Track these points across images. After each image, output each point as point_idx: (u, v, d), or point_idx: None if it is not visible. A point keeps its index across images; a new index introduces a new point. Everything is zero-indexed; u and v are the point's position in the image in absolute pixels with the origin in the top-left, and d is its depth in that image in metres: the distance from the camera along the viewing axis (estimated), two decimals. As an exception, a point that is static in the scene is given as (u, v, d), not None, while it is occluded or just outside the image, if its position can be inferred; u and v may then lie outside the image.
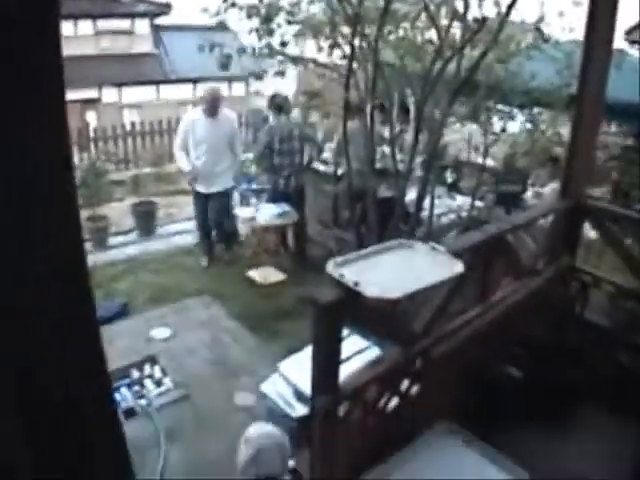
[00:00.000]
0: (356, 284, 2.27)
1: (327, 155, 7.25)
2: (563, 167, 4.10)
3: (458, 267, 2.61)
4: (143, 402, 4.20)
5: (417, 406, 3.05)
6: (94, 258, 6.35)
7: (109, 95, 14.52)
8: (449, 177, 7.88)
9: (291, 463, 2.88)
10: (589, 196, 4.19)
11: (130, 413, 4.08)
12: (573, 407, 3.61)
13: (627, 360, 3.61)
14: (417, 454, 3.04)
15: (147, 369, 4.64)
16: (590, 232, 4.88)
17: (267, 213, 6.30)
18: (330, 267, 2.39)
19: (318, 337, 2.37)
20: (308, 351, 2.86)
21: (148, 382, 4.49)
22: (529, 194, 7.68)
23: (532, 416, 3.43)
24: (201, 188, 6.48)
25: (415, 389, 2.98)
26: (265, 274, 6.12)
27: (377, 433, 2.91)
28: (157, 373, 4.57)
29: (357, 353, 3.13)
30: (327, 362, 2.42)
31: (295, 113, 7.50)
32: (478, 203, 7.01)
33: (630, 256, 3.80)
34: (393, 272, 2.57)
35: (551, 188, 7.15)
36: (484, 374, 3.39)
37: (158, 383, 4.47)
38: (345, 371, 2.64)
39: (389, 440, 3.00)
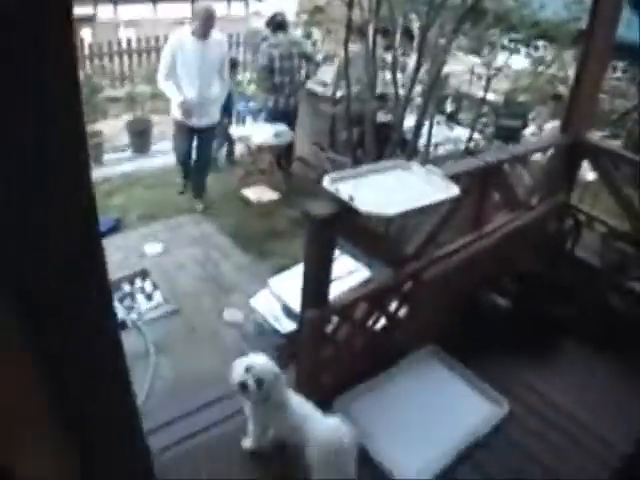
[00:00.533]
0: (351, 199, 2.26)
1: (327, 77, 7.10)
2: (566, 103, 4.02)
3: (454, 190, 2.59)
4: (134, 316, 4.25)
5: (404, 328, 3.09)
6: (89, 175, 6.28)
7: (105, 12, 14.03)
8: (449, 107, 7.77)
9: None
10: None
11: (121, 326, 4.13)
12: (558, 341, 3.66)
13: (614, 300, 3.63)
14: (401, 375, 3.10)
15: (138, 283, 4.68)
16: (587, 174, 4.87)
17: (263, 133, 6.21)
18: (326, 182, 2.37)
19: (311, 250, 2.37)
20: (298, 269, 2.88)
21: (139, 296, 4.54)
22: (529, 130, 7.60)
23: (517, 347, 3.47)
24: (190, 121, 5.72)
25: (403, 311, 3.01)
26: (259, 193, 6.09)
27: (364, 352, 2.95)
28: (148, 287, 4.61)
29: (347, 274, 3.14)
30: (318, 276, 2.43)
31: (296, 32, 7.29)
32: (477, 135, 6.94)
33: (626, 199, 3.78)
34: (389, 191, 2.56)
35: (552, 125, 7.06)
36: (472, 301, 3.42)
37: (149, 297, 4.51)
38: (335, 291, 2.66)
39: (375, 360, 3.05)
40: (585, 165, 4.18)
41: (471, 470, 2.77)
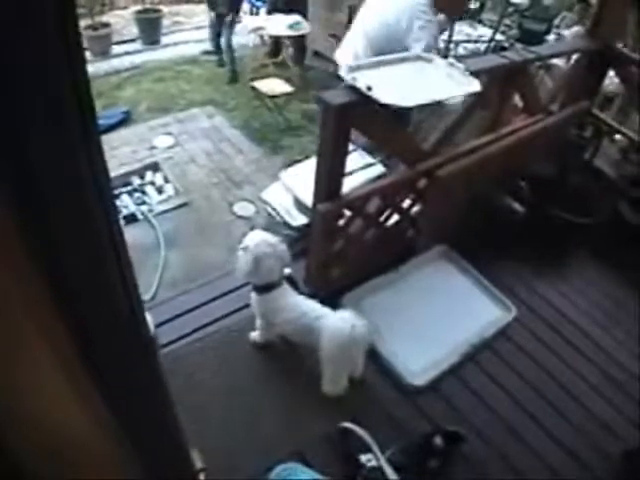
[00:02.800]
0: (369, 88, 2.17)
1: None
2: (596, 6, 3.80)
3: (475, 85, 2.49)
4: (144, 208, 4.23)
5: (417, 226, 3.06)
6: (95, 68, 6.13)
7: None
8: (472, 4, 7.42)
9: (287, 271, 2.94)
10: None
11: (131, 219, 4.12)
12: (569, 250, 3.64)
13: (628, 213, 3.58)
14: (411, 273, 3.10)
15: (149, 176, 4.64)
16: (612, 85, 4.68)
17: (278, 24, 5.97)
18: (343, 70, 2.27)
19: (324, 140, 2.30)
20: (311, 162, 2.81)
21: (150, 189, 4.50)
22: (552, 36, 7.29)
23: (528, 253, 3.46)
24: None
25: (416, 209, 2.96)
26: (272, 85, 5.85)
27: (375, 248, 2.93)
28: (159, 180, 4.57)
29: (361, 168, 3.08)
30: (331, 168, 2.37)
31: None
32: (499, 37, 6.67)
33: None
34: (408, 82, 2.46)
35: (576, 31, 6.76)
36: (486, 203, 3.37)
37: (159, 190, 4.48)
38: (348, 185, 2.60)
39: (386, 257, 3.04)
40: (611, 75, 4.01)
41: (475, 370, 2.81)
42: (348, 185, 2.60)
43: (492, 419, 2.64)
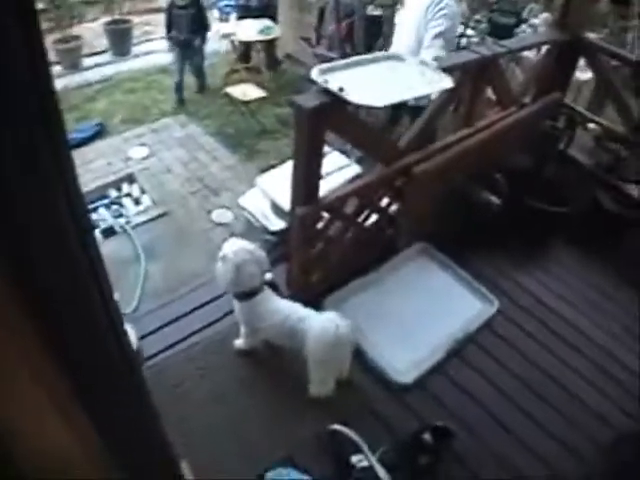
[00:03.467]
0: (341, 90, 2.17)
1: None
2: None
3: (447, 82, 2.50)
4: (122, 221, 4.19)
5: (396, 224, 3.06)
6: (67, 81, 6.08)
7: None
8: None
9: (268, 276, 2.92)
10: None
11: (109, 232, 4.08)
12: (547, 240, 3.66)
13: (605, 200, 3.60)
14: (392, 272, 3.10)
15: (125, 188, 4.60)
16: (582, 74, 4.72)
17: (248, 29, 5.95)
18: (315, 73, 2.27)
19: (300, 143, 2.29)
20: (287, 167, 2.80)
21: (127, 201, 4.47)
22: (526, 28, 7.34)
23: (507, 245, 3.47)
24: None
25: (395, 207, 2.97)
26: (244, 90, 5.82)
27: (355, 249, 2.93)
28: (135, 192, 4.53)
29: (337, 170, 3.07)
30: (308, 170, 2.36)
31: None
32: (470, 32, 6.70)
33: (621, 100, 3.68)
34: (380, 82, 2.46)
35: (545, 17, 6.82)
36: (464, 198, 3.37)
37: (137, 201, 4.44)
38: (325, 188, 2.60)
39: (366, 257, 3.04)
40: (581, 65, 4.04)
41: (460, 365, 2.82)
42: (325, 187, 2.59)
43: (481, 413, 2.65)
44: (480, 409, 2.66)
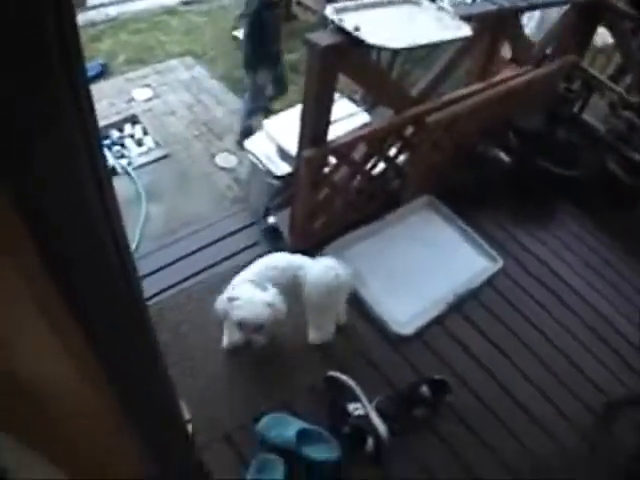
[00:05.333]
0: (357, 29, 2.09)
1: None
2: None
3: (465, 30, 2.42)
4: (124, 162, 4.12)
5: (403, 176, 3.00)
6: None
7: None
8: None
9: (271, 220, 2.89)
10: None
11: (111, 173, 4.01)
12: (555, 203, 3.61)
13: (614, 167, 3.54)
14: (397, 223, 3.05)
15: (128, 129, 4.52)
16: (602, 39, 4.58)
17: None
18: (329, 11, 2.18)
19: (311, 83, 2.21)
20: (295, 111, 2.73)
21: (129, 142, 4.39)
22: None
23: (514, 205, 3.43)
24: None
25: (403, 157, 2.90)
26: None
27: (360, 197, 2.88)
28: (138, 133, 4.45)
29: (346, 117, 2.99)
30: (317, 112, 2.29)
31: None
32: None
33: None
34: (397, 25, 2.37)
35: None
36: (473, 153, 3.31)
37: (139, 143, 4.37)
38: (333, 133, 2.53)
39: (371, 207, 2.99)
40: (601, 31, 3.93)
41: (461, 320, 2.80)
42: (333, 133, 2.53)
43: (478, 369, 2.64)
44: (478, 365, 2.65)
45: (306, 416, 2.28)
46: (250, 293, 2.15)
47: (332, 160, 2.55)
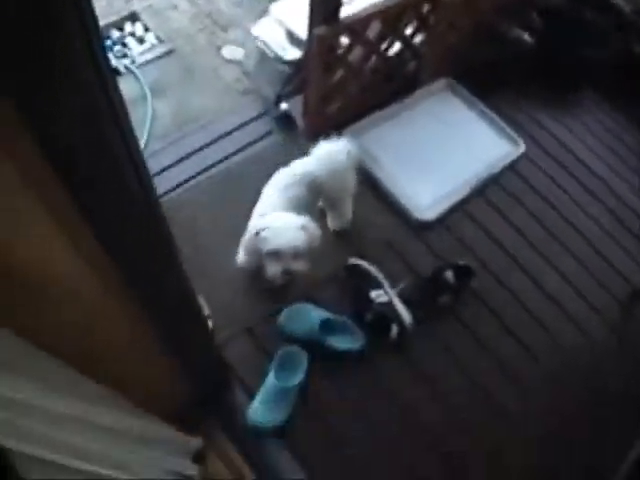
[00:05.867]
0: None
1: None
2: None
3: None
4: (126, 61, 3.96)
5: (420, 57, 2.84)
6: None
7: None
8: None
9: (284, 106, 2.77)
10: None
11: (114, 73, 3.87)
12: (579, 87, 3.45)
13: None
14: (415, 107, 2.93)
15: (128, 27, 4.32)
16: None
17: None
18: None
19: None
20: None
21: (130, 40, 4.20)
22: None
23: (537, 88, 3.28)
24: None
25: (420, 37, 2.74)
26: None
27: (375, 80, 2.73)
28: (139, 30, 4.26)
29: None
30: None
31: None
32: None
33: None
34: None
35: None
36: (494, 34, 3.12)
37: (141, 40, 4.18)
38: (344, 12, 2.36)
39: (387, 90, 2.85)
40: None
41: (483, 205, 2.73)
42: (345, 12, 2.36)
43: (501, 254, 2.60)
44: (501, 251, 2.61)
45: (328, 306, 2.26)
46: (279, 219, 1.99)
47: (345, 41, 2.40)
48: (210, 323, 2.17)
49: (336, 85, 2.51)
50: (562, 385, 2.31)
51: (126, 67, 3.91)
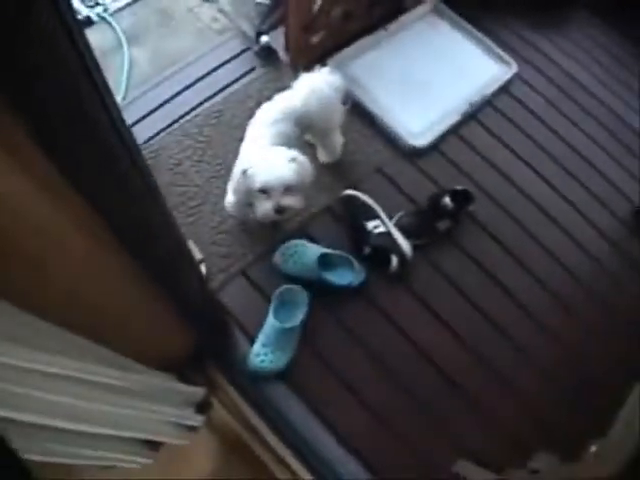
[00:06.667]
0: None
1: None
2: None
3: None
4: (99, 9, 3.82)
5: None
6: None
7: None
8: None
9: (264, 39, 2.66)
10: None
11: (87, 23, 3.72)
12: (569, 4, 3.31)
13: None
14: (402, 31, 2.82)
15: None
16: None
17: None
18: None
19: None
20: None
21: (101, -12, 4.05)
22: None
23: (525, 6, 3.15)
24: None
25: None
26: None
27: (360, 4, 2.61)
28: None
29: None
30: None
31: None
32: None
33: None
34: None
35: None
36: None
37: (112, -14, 4.04)
38: None
39: (372, 16, 2.73)
40: None
41: (478, 129, 2.67)
42: None
43: (498, 177, 2.54)
44: (498, 174, 2.54)
45: (324, 241, 2.21)
46: (266, 154, 1.90)
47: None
48: (203, 268, 2.12)
49: (318, 13, 2.40)
50: (567, 306, 2.28)
51: (99, 15, 3.76)
